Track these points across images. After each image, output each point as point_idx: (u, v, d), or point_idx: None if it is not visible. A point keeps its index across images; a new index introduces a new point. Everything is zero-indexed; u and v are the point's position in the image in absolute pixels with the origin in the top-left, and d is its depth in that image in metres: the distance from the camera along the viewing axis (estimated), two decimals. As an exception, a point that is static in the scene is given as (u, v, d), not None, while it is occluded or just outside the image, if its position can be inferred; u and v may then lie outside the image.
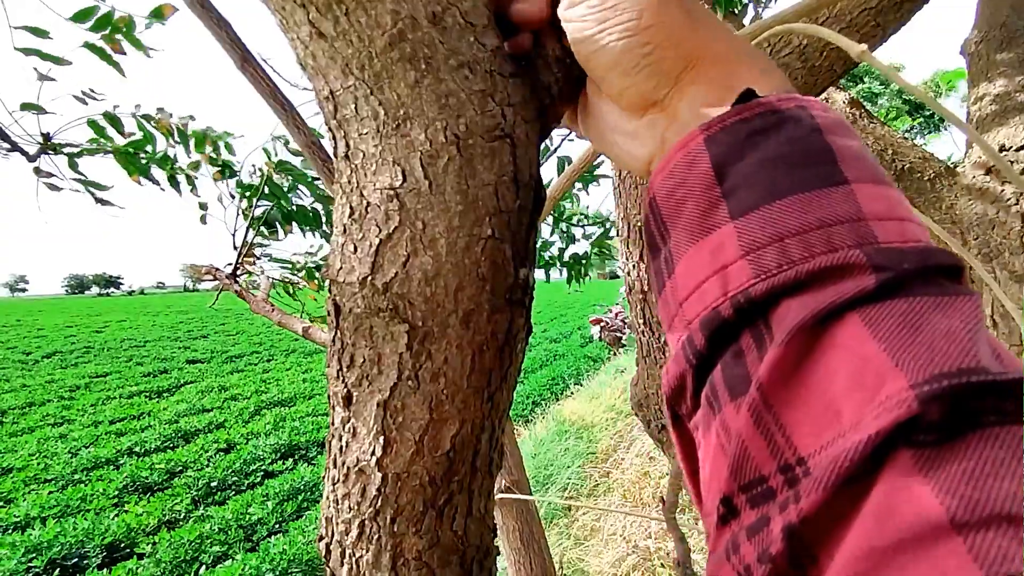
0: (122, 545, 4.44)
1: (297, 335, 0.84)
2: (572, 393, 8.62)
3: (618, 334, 10.95)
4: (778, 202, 0.22)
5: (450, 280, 0.33)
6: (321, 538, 0.41)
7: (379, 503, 0.37)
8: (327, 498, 0.40)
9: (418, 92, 0.31)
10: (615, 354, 11.09)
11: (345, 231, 0.35)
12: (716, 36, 0.29)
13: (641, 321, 0.94)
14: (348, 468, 0.37)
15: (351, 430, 0.37)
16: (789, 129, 0.24)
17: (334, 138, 0.35)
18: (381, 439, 0.36)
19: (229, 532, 4.56)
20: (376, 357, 0.35)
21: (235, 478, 5.71)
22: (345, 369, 0.37)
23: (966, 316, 0.18)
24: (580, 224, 2.14)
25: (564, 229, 2.12)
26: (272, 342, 16.92)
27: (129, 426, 7.68)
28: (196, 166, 1.29)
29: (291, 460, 6.26)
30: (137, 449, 6.61)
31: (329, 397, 0.40)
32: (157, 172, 1.31)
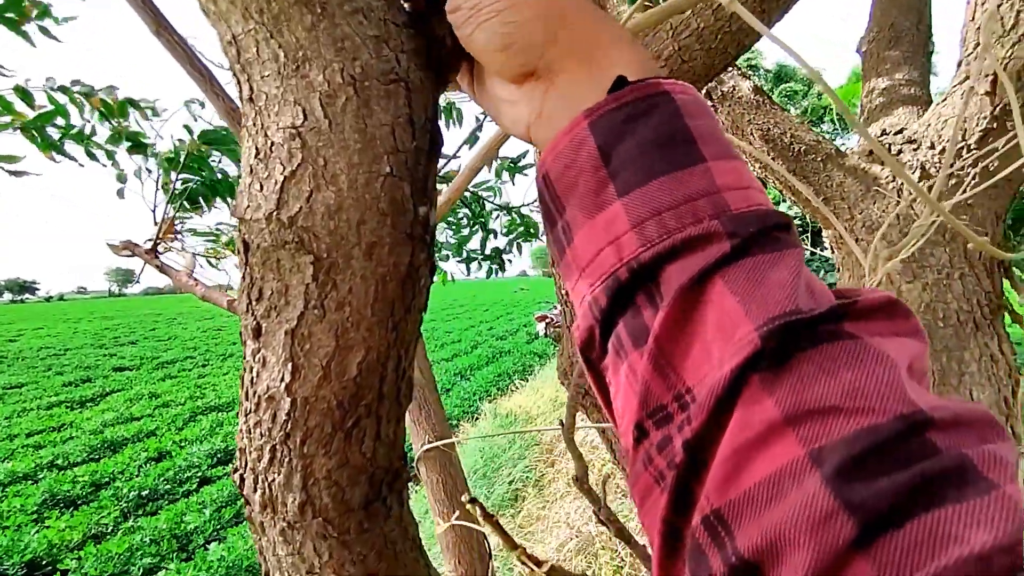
0: (43, 562, 4.18)
1: (223, 307, 0.83)
2: (517, 388, 8.70)
3: (562, 330, 11.12)
4: (654, 181, 0.27)
5: (352, 214, 0.36)
6: (236, 470, 0.42)
7: (289, 427, 0.39)
8: (240, 430, 0.42)
9: (315, 35, 0.34)
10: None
11: (251, 171, 0.37)
12: (579, 8, 0.33)
13: (565, 292, 0.98)
14: (259, 397, 0.40)
15: (261, 360, 0.39)
16: (657, 115, 0.29)
17: (238, 82, 0.37)
18: (289, 366, 0.38)
19: (162, 543, 4.37)
20: (283, 288, 0.38)
21: (168, 487, 5.46)
22: (254, 302, 0.39)
23: (791, 267, 0.25)
24: (497, 216, 2.19)
25: (484, 222, 2.16)
26: (208, 346, 16.19)
27: (48, 438, 7.20)
28: (117, 139, 1.24)
29: (229, 465, 6.03)
30: (59, 462, 6.21)
31: (241, 333, 0.41)
32: (74, 148, 1.26)
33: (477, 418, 7.40)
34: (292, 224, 0.36)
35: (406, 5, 0.38)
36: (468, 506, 0.54)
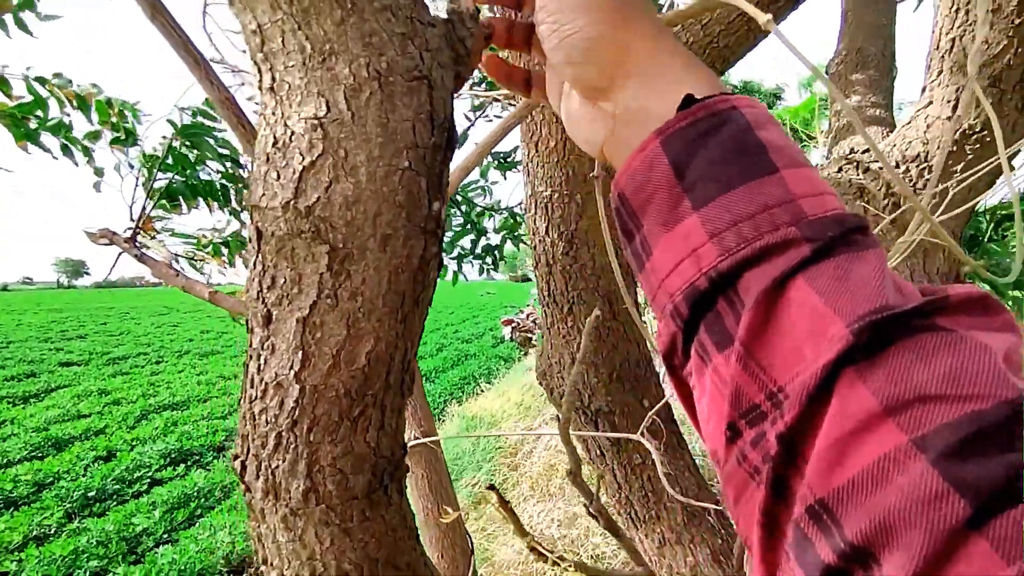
0: (-21, 565, 3.96)
1: (203, 299, 0.82)
2: (483, 391, 8.69)
3: (529, 334, 11.17)
4: (729, 193, 0.28)
5: (370, 206, 0.37)
6: (236, 456, 0.42)
7: (296, 414, 0.39)
8: (243, 417, 0.42)
9: (343, 29, 0.34)
10: (526, 354, 11.30)
11: (268, 159, 0.37)
12: (644, 32, 0.35)
13: (547, 294, 1.00)
14: (266, 384, 0.40)
15: (270, 347, 0.39)
16: (728, 129, 0.30)
17: (259, 71, 0.37)
18: (300, 354, 0.39)
19: (109, 545, 4.19)
20: (297, 277, 0.38)
21: (116, 487, 5.24)
22: (266, 290, 0.39)
23: (875, 265, 0.25)
24: (491, 215, 2.20)
25: (476, 221, 2.17)
26: (162, 343, 15.60)
27: (-14, 435, 6.81)
28: (95, 136, 1.20)
29: (183, 466, 5.84)
30: (-2, 460, 5.89)
31: (247, 321, 0.42)
32: (49, 141, 1.22)
33: (443, 421, 7.35)
34: (309, 213, 0.36)
35: (449, 5, 0.39)
36: (486, 491, 0.55)
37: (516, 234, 2.23)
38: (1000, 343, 0.23)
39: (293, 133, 0.36)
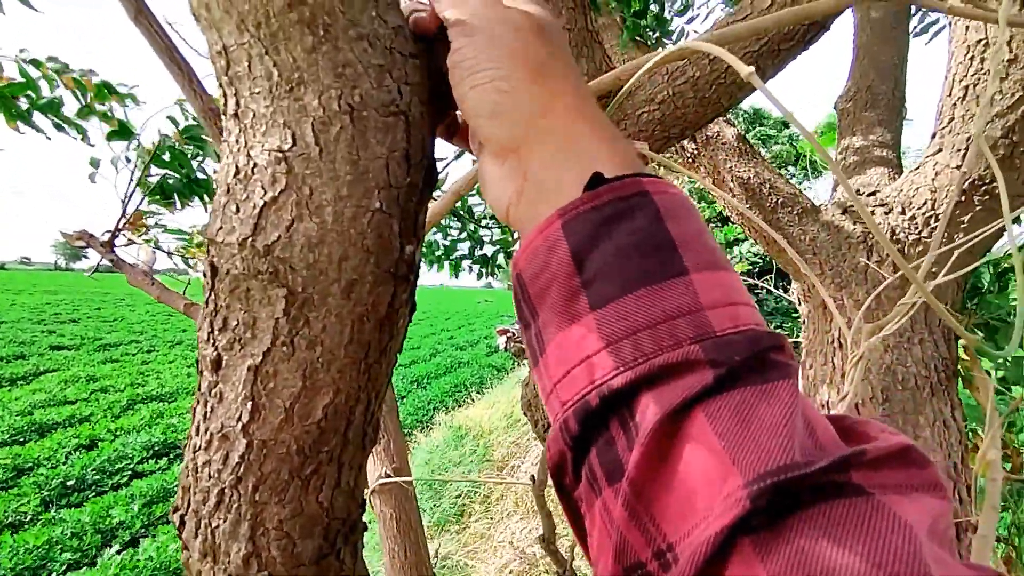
0: (-49, 549, 3.89)
1: (179, 310, 0.78)
2: (473, 401, 8.64)
3: (523, 346, 11.12)
4: (629, 296, 0.25)
5: (334, 248, 0.34)
6: (176, 509, 0.39)
7: (241, 470, 0.36)
8: (186, 467, 0.38)
9: (315, 58, 0.31)
10: (519, 365, 11.25)
11: (228, 191, 0.34)
12: (564, 92, 0.32)
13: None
14: (211, 434, 0.36)
15: (217, 395, 0.36)
16: (636, 218, 0.27)
17: (224, 95, 0.34)
18: (249, 404, 0.35)
19: (85, 536, 4.12)
20: (251, 320, 0.35)
21: (96, 477, 5.18)
22: (217, 332, 0.36)
23: (785, 403, 0.23)
24: (488, 227, 2.17)
25: (472, 231, 2.14)
26: (155, 332, 15.52)
27: (-32, 417, 6.73)
28: (87, 112, 1.17)
29: (166, 459, 5.77)
30: (-22, 442, 5.82)
31: (197, 362, 0.38)
32: (43, 122, 1.19)
33: (431, 428, 7.29)
34: (268, 253, 0.33)
35: (411, 26, 0.36)
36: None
37: (510, 250, 2.20)
38: (923, 512, 0.20)
39: (256, 165, 0.33)
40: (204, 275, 0.37)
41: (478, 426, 6.76)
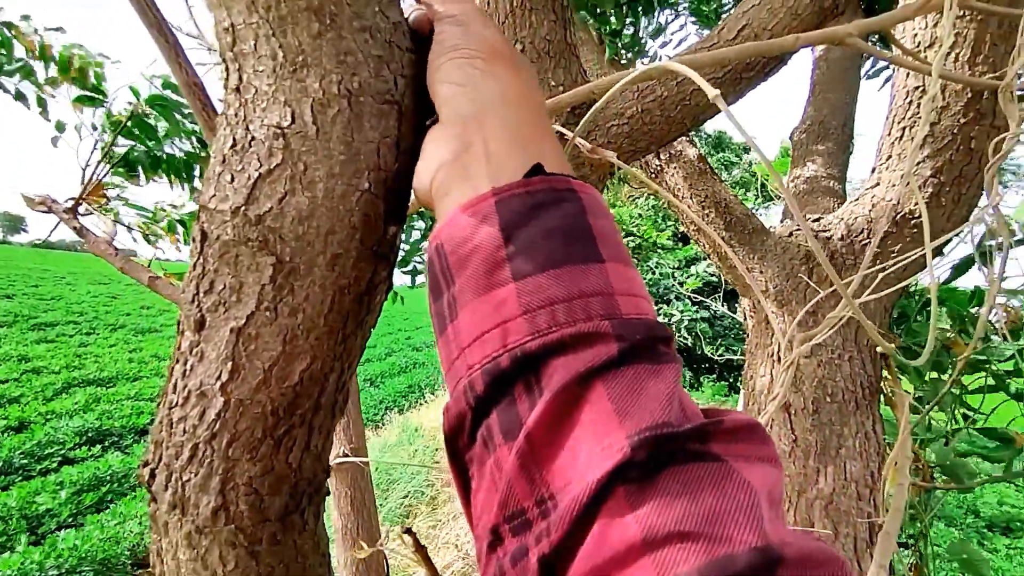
0: None
1: (143, 284, 0.77)
2: (427, 402, 8.58)
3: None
4: (551, 271, 0.27)
5: (323, 223, 0.36)
6: (146, 463, 0.40)
7: (217, 427, 0.37)
8: (160, 422, 0.40)
9: (319, 44, 0.34)
10: (475, 369, 11.20)
11: (224, 161, 0.36)
12: (529, 91, 0.35)
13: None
14: (189, 391, 0.38)
15: (199, 354, 0.38)
16: (564, 207, 0.29)
17: (227, 69, 0.36)
18: (229, 364, 0.37)
19: (10, 522, 3.90)
20: (237, 285, 0.37)
21: (24, 461, 4.91)
22: (203, 294, 0.37)
23: (669, 382, 0.26)
24: None
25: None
26: (96, 313, 14.77)
27: None
28: (53, 82, 1.14)
29: (99, 446, 5.52)
30: None
31: (179, 323, 0.40)
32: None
33: (382, 427, 7.20)
34: (259, 222, 0.35)
35: (410, 22, 0.39)
36: (401, 537, 0.54)
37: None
38: (764, 477, 0.23)
39: (254, 138, 0.35)
40: (193, 239, 0.38)
41: (431, 428, 6.72)
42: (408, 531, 0.55)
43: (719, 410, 0.28)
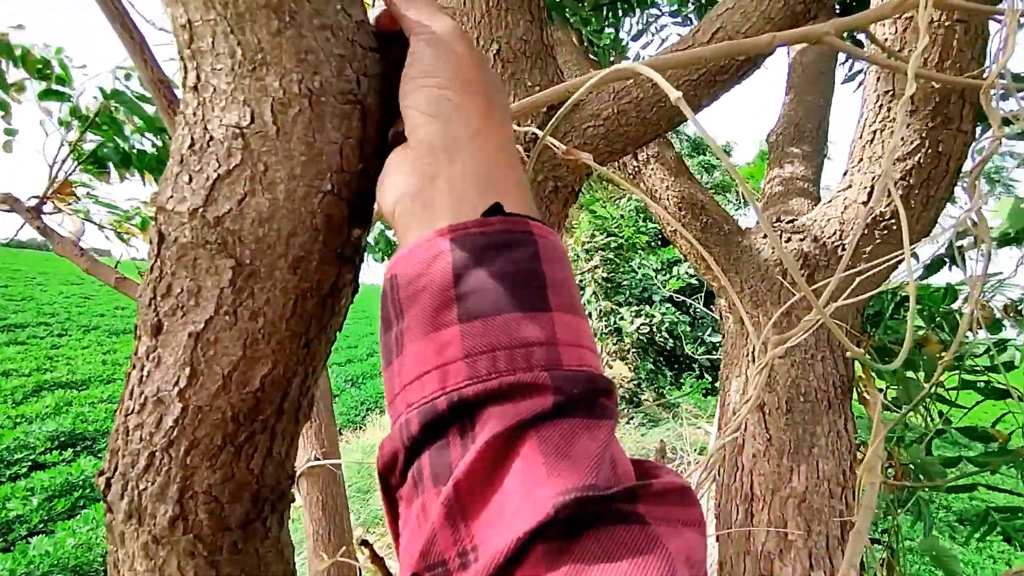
0: None
1: (109, 285, 0.75)
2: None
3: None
4: (497, 317, 0.27)
5: (284, 225, 0.35)
6: (102, 473, 0.39)
7: (175, 434, 0.36)
8: (116, 431, 0.39)
9: (279, 42, 0.33)
10: (458, 370, 11.17)
11: (182, 161, 0.35)
12: (500, 127, 0.34)
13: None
14: (146, 398, 0.37)
15: (155, 359, 0.37)
16: (518, 251, 0.29)
17: (185, 68, 0.35)
18: (187, 370, 0.36)
19: (-26, 530, 3.79)
20: (196, 288, 0.36)
21: (-9, 467, 4.77)
22: (160, 298, 0.36)
23: (602, 440, 0.26)
24: None
25: None
26: (69, 314, 14.42)
27: None
28: (20, 88, 1.10)
29: (71, 451, 5.39)
30: None
31: (137, 327, 0.39)
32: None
33: (363, 428, 7.15)
34: (218, 224, 0.35)
35: (373, 22, 0.38)
36: (359, 548, 0.53)
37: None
38: (686, 543, 0.24)
39: (212, 138, 0.34)
40: (151, 242, 0.37)
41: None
42: (364, 542, 0.54)
43: (654, 466, 0.28)
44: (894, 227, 1.12)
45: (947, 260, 1.33)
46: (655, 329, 8.50)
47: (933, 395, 1.36)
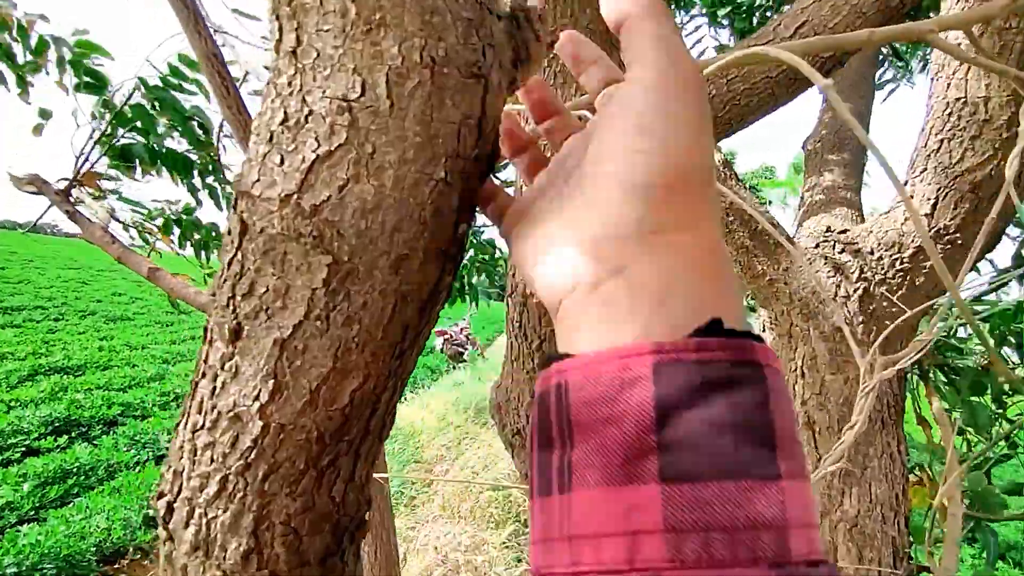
0: None
1: (143, 276, 0.70)
2: (406, 400, 8.48)
3: (460, 349, 11.05)
4: (713, 483, 0.21)
5: (389, 217, 0.30)
6: (162, 495, 0.34)
7: (252, 456, 0.31)
8: (180, 448, 0.33)
9: None
10: (454, 368, 11.15)
11: (272, 139, 0.30)
12: (712, 210, 0.27)
13: (517, 325, 0.95)
14: (219, 413, 0.32)
15: (233, 369, 0.32)
16: (742, 393, 0.22)
17: (280, 28, 0.30)
18: (270, 383, 0.31)
19: (-35, 515, 3.73)
20: (283, 288, 0.31)
21: (-17, 451, 4.71)
22: (240, 297, 0.31)
23: None
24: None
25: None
26: (66, 299, 14.32)
27: None
28: (36, 68, 1.05)
29: (66, 437, 5.32)
30: None
31: (207, 330, 0.34)
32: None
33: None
34: (315, 214, 0.29)
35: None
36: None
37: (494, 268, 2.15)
38: None
39: (311, 112, 0.29)
40: (229, 232, 0.32)
41: (409, 426, 6.63)
42: None
43: None
44: (958, 242, 1.08)
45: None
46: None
47: (998, 418, 1.31)
